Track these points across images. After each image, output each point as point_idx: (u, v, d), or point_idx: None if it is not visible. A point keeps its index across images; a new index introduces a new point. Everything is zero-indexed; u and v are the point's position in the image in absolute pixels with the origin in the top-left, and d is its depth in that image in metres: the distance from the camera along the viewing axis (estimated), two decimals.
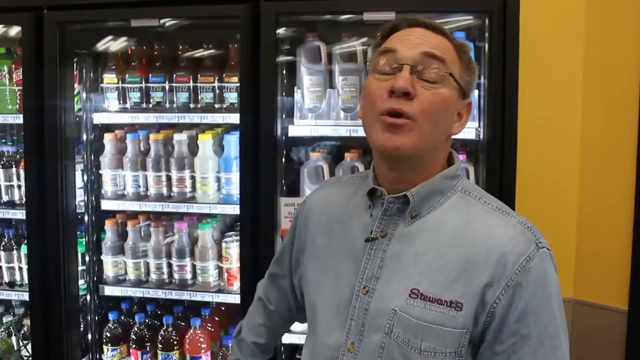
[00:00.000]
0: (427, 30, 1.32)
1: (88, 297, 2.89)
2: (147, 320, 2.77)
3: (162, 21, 2.45)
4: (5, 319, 2.95)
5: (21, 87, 2.64)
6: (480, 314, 1.22)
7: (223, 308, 2.89)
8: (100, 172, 2.80)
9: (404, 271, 1.29)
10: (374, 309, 1.30)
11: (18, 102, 2.76)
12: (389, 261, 1.31)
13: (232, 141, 2.61)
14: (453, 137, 1.36)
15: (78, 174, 2.76)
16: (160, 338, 2.69)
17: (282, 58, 2.46)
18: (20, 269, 2.90)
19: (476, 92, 2.33)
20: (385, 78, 1.28)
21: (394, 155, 1.28)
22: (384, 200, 1.34)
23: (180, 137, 2.68)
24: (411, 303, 1.26)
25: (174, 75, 2.63)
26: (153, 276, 2.76)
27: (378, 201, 1.37)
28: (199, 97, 2.60)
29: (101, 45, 2.79)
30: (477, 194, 1.35)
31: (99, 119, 2.73)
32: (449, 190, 1.34)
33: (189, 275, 2.72)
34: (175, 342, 2.68)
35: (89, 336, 2.92)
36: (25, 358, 2.89)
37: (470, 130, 2.30)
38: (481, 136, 2.30)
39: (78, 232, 2.77)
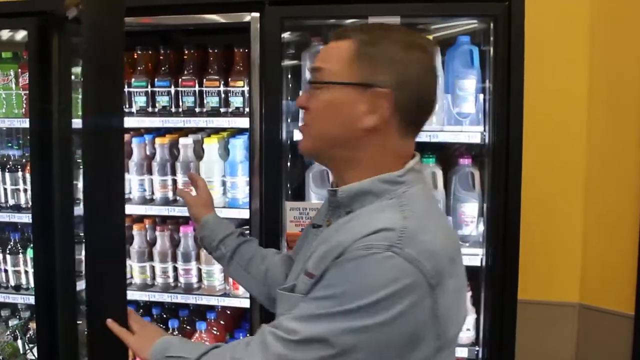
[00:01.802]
0: (332, 41, 1.42)
1: None
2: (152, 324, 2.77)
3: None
4: (11, 323, 2.96)
5: (27, 92, 2.66)
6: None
7: (229, 312, 2.89)
8: None
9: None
10: None
11: (24, 106, 2.77)
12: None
13: (238, 145, 2.61)
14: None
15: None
16: None
17: (287, 62, 2.47)
18: (26, 272, 2.90)
19: (481, 96, 2.34)
20: None
21: (304, 155, 1.57)
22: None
23: (186, 141, 2.68)
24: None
25: (180, 80, 2.63)
26: (159, 280, 2.77)
27: None
28: (205, 102, 2.61)
29: None
30: (406, 201, 1.33)
31: None
32: (385, 194, 1.36)
33: (194, 279, 2.72)
34: None
35: None
36: None
37: (475, 134, 2.30)
38: (486, 140, 2.30)
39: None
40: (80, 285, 2.69)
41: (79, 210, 2.67)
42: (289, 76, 2.51)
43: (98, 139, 1.58)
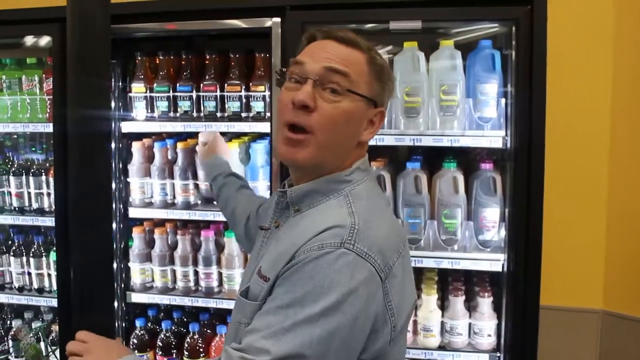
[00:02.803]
0: (338, 44, 1.40)
1: (115, 304, 2.91)
2: (173, 328, 2.79)
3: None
4: (34, 325, 2.99)
5: (51, 97, 2.69)
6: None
7: None
8: (128, 180, 2.83)
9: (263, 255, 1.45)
10: None
11: (48, 111, 2.80)
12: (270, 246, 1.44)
13: (259, 150, 2.63)
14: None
15: None
16: (186, 345, 2.71)
17: None
18: (49, 275, 2.94)
19: (503, 100, 2.32)
20: (294, 87, 1.39)
21: (292, 165, 1.46)
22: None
23: None
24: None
25: (201, 85, 2.65)
26: (180, 284, 2.78)
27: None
28: (226, 106, 2.62)
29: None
30: (351, 199, 1.37)
31: (127, 127, 2.76)
32: (332, 193, 1.40)
33: (215, 283, 2.74)
34: (201, 350, 2.70)
35: None
36: None
37: (496, 139, 2.29)
38: (508, 144, 2.28)
39: None
40: None
41: None
42: None
43: (81, 133, 1.56)
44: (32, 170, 2.92)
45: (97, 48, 1.58)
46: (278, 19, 2.33)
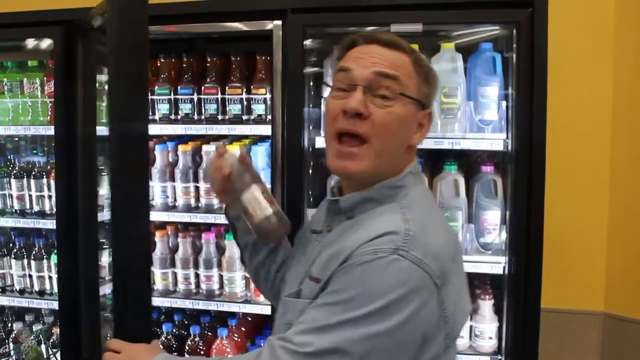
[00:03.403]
0: (382, 47, 1.37)
1: None
2: (174, 330, 2.79)
3: None
4: (35, 328, 2.99)
5: (52, 99, 2.69)
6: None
7: (250, 318, 2.89)
8: None
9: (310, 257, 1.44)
10: None
11: (49, 113, 2.81)
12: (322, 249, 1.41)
13: (260, 152, 2.63)
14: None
15: (107, 184, 2.79)
16: (187, 348, 2.71)
17: (309, 70, 2.47)
18: (50, 278, 2.94)
19: (504, 103, 2.33)
20: (342, 96, 1.36)
21: (349, 178, 1.42)
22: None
23: (209, 149, 2.70)
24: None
25: (202, 87, 2.65)
26: (180, 286, 2.78)
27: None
28: (227, 109, 2.62)
29: None
30: (406, 203, 1.36)
31: None
32: (386, 200, 1.38)
33: (216, 286, 2.74)
34: (202, 352, 2.69)
35: None
36: None
37: (497, 141, 2.29)
38: (509, 147, 2.28)
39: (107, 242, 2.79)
40: (103, 289, 2.72)
41: (102, 216, 2.70)
42: (311, 83, 2.52)
43: (124, 146, 1.60)
44: (34, 173, 2.92)
45: (139, 64, 1.62)
46: (279, 22, 2.33)
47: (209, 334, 2.77)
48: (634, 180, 2.75)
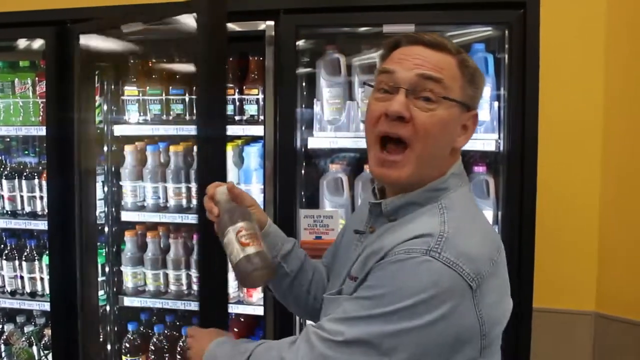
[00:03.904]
0: (426, 49, 1.35)
1: (108, 308, 2.90)
2: (166, 331, 2.78)
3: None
4: (26, 329, 2.98)
5: (44, 100, 2.68)
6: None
7: (242, 319, 2.88)
8: (120, 183, 2.82)
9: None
10: None
11: (41, 114, 2.80)
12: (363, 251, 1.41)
13: (252, 153, 2.62)
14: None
15: (99, 185, 2.79)
16: (179, 349, 2.70)
17: (301, 70, 2.47)
18: (42, 279, 2.93)
19: (496, 103, 2.33)
20: (384, 98, 1.34)
21: (390, 185, 1.41)
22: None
23: None
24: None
25: (194, 88, 2.64)
26: (172, 287, 2.78)
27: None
28: None
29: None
30: (446, 204, 1.35)
31: (119, 131, 2.77)
32: (428, 202, 1.37)
33: None
34: None
35: (108, 346, 2.93)
36: None
37: (490, 142, 2.29)
38: (501, 147, 2.29)
39: (98, 243, 2.78)
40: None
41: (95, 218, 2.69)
42: (304, 84, 2.52)
43: (211, 145, 1.77)
44: (25, 174, 2.91)
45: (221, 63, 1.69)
46: (272, 22, 2.32)
47: None
48: (624, 181, 2.77)
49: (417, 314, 1.19)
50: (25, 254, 2.94)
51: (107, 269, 2.90)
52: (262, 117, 2.52)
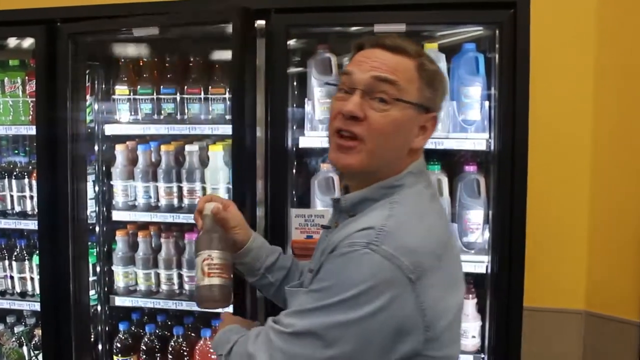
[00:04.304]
0: (386, 52, 1.41)
1: (99, 308, 2.89)
2: (157, 331, 2.78)
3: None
4: (16, 329, 2.96)
5: (34, 99, 2.67)
6: None
7: None
8: (111, 183, 2.81)
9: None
10: None
11: (31, 113, 2.78)
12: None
13: None
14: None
15: (89, 184, 2.77)
16: (170, 349, 2.70)
17: (292, 69, 2.47)
18: (32, 279, 2.92)
19: (487, 103, 2.34)
20: (343, 97, 1.42)
21: (343, 171, 1.47)
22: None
23: (192, 148, 2.69)
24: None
25: (185, 87, 2.64)
26: (164, 287, 2.77)
27: None
28: (210, 109, 2.62)
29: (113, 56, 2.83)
30: (396, 200, 1.40)
31: (110, 130, 2.75)
32: (382, 198, 1.43)
33: None
34: (185, 353, 2.68)
35: (99, 346, 2.92)
36: None
37: (480, 141, 2.30)
38: (492, 147, 2.30)
39: (89, 243, 2.77)
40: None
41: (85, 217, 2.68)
42: (295, 83, 2.52)
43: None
44: (15, 173, 2.89)
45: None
46: (263, 22, 2.32)
47: (193, 334, 2.76)
48: (614, 180, 2.78)
49: (358, 305, 1.24)
50: (15, 253, 2.93)
51: (98, 269, 2.88)
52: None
